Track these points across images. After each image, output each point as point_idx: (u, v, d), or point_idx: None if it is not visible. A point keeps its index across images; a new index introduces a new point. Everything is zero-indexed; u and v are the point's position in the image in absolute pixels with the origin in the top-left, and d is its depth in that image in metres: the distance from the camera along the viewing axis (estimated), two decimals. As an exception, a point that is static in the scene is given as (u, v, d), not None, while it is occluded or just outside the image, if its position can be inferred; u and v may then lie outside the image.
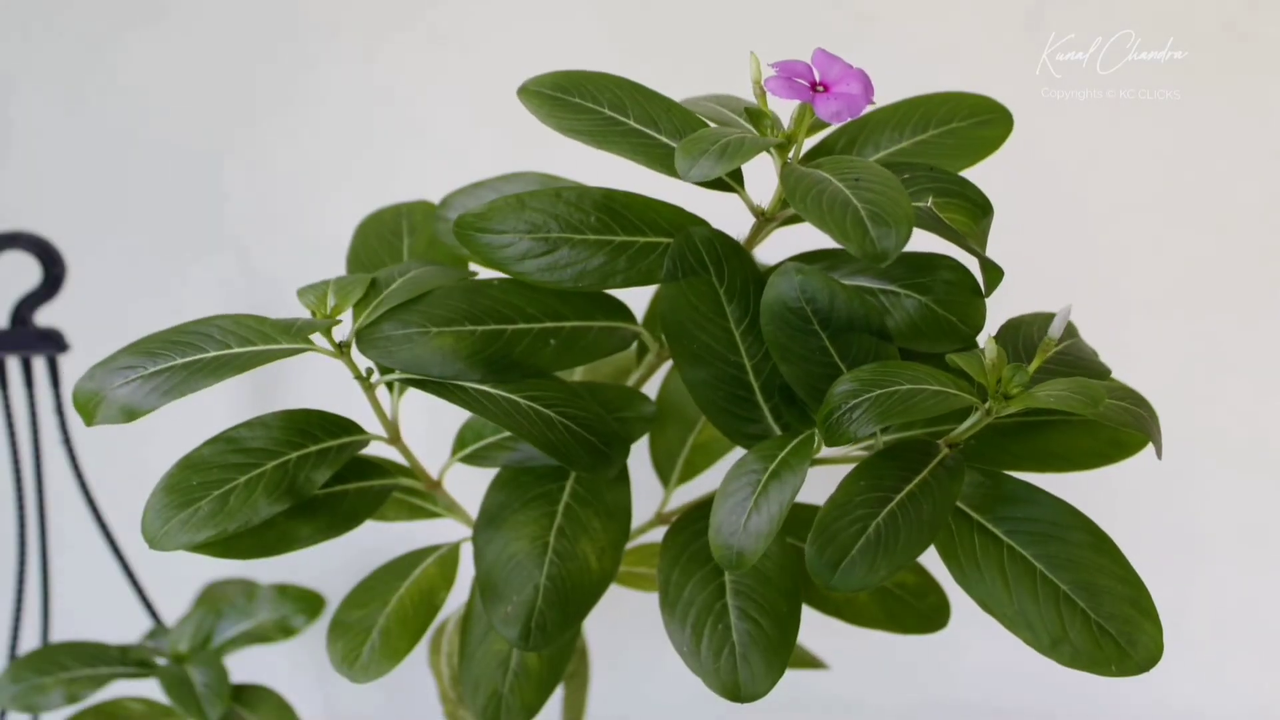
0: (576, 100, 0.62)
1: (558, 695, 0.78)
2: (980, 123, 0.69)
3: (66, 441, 0.91)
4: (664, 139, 0.62)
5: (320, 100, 1.03)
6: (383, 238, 0.75)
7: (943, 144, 0.67)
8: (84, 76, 1.03)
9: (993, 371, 0.56)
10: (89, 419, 0.59)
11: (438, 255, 0.73)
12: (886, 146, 0.68)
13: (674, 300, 0.61)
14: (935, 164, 0.64)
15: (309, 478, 0.63)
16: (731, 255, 0.61)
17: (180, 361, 0.60)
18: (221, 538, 0.60)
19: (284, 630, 0.90)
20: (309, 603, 0.91)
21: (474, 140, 1.01)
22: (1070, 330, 0.65)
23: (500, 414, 0.63)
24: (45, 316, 0.90)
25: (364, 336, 0.63)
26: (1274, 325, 0.99)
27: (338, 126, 1.03)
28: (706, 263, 0.61)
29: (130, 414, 0.59)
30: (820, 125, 0.60)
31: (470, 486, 0.73)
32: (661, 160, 0.61)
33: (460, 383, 0.63)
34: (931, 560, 0.64)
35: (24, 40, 1.03)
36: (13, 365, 0.91)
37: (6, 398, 0.91)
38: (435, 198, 0.74)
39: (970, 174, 0.70)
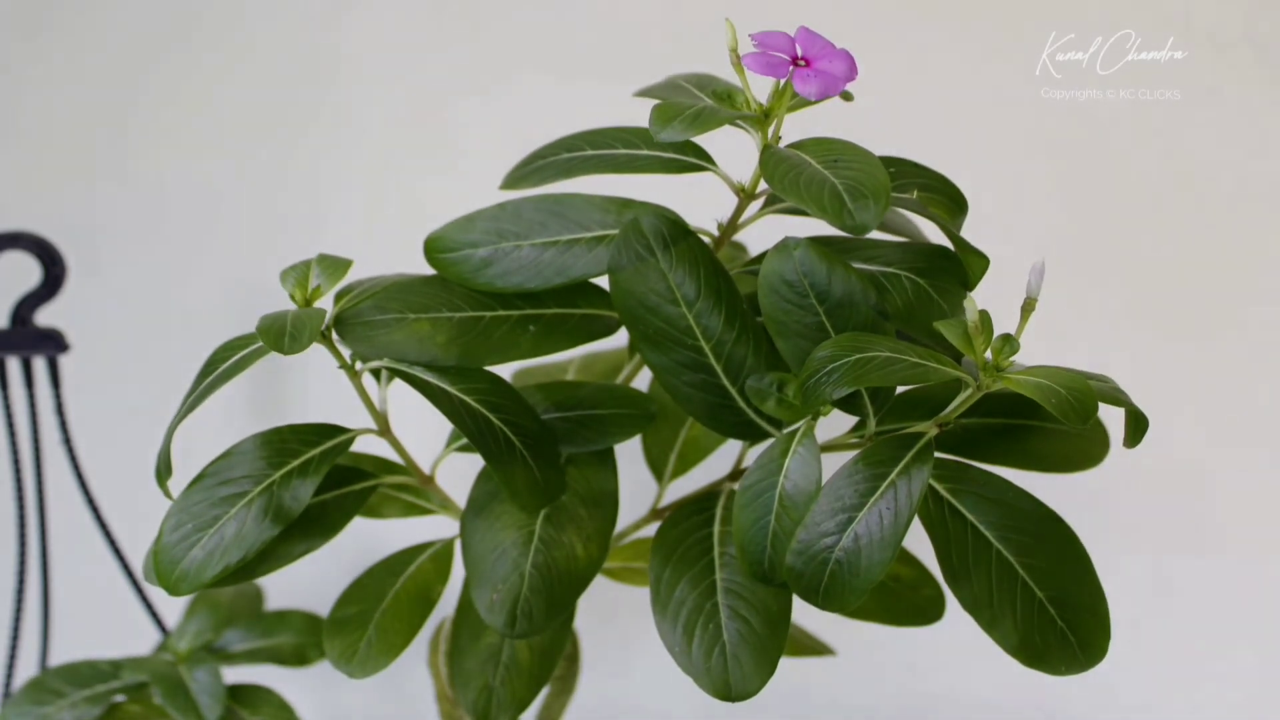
0: (538, 164, 0.67)
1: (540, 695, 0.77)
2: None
3: (67, 442, 0.92)
4: (622, 151, 0.65)
5: (344, 110, 1.03)
6: None
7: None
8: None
9: (977, 337, 0.56)
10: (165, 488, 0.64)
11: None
12: None
13: (622, 286, 0.62)
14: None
15: (295, 495, 0.64)
16: (679, 238, 0.62)
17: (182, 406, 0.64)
18: (228, 573, 0.62)
19: (299, 658, 0.90)
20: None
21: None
22: None
23: (449, 407, 0.64)
24: (44, 317, 0.90)
25: (343, 321, 0.63)
26: (1274, 324, 0.99)
27: (361, 137, 1.04)
28: (653, 247, 0.61)
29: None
30: (803, 103, 0.60)
31: (466, 484, 0.72)
32: (626, 164, 0.64)
33: (424, 372, 0.64)
34: (926, 553, 0.63)
35: (27, 41, 1.04)
36: (13, 365, 0.92)
37: (6, 398, 0.91)
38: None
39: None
